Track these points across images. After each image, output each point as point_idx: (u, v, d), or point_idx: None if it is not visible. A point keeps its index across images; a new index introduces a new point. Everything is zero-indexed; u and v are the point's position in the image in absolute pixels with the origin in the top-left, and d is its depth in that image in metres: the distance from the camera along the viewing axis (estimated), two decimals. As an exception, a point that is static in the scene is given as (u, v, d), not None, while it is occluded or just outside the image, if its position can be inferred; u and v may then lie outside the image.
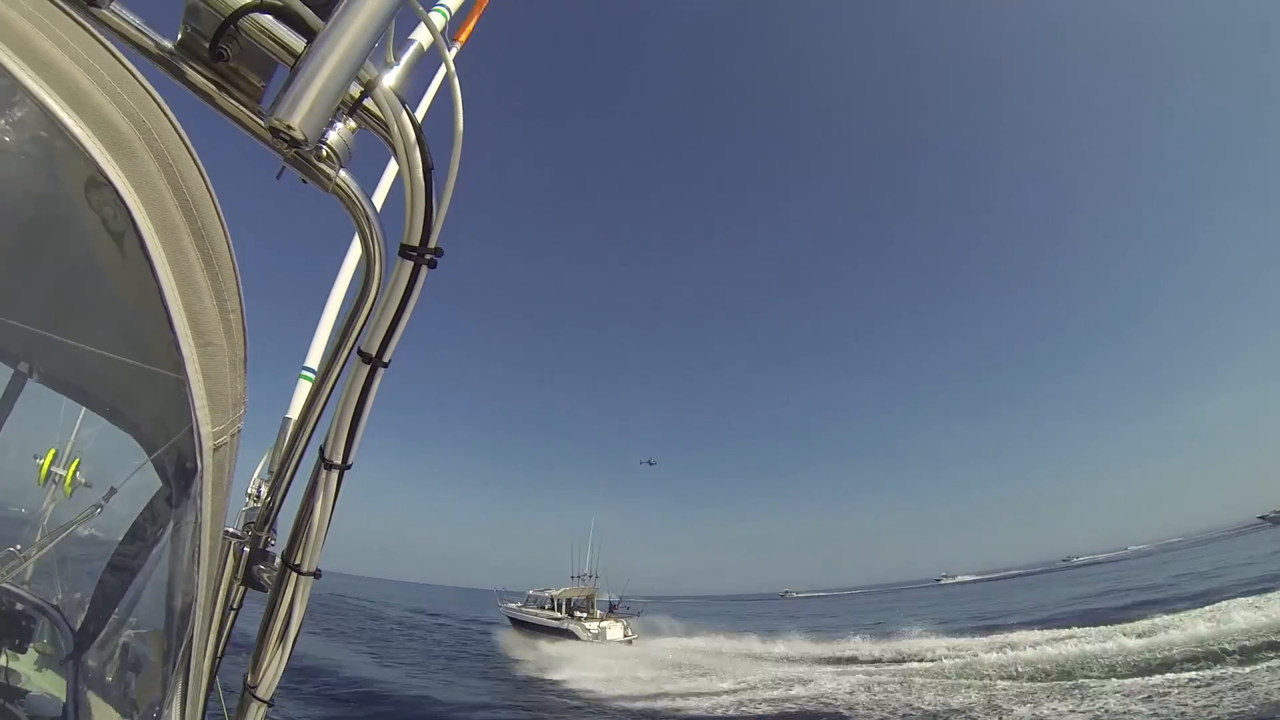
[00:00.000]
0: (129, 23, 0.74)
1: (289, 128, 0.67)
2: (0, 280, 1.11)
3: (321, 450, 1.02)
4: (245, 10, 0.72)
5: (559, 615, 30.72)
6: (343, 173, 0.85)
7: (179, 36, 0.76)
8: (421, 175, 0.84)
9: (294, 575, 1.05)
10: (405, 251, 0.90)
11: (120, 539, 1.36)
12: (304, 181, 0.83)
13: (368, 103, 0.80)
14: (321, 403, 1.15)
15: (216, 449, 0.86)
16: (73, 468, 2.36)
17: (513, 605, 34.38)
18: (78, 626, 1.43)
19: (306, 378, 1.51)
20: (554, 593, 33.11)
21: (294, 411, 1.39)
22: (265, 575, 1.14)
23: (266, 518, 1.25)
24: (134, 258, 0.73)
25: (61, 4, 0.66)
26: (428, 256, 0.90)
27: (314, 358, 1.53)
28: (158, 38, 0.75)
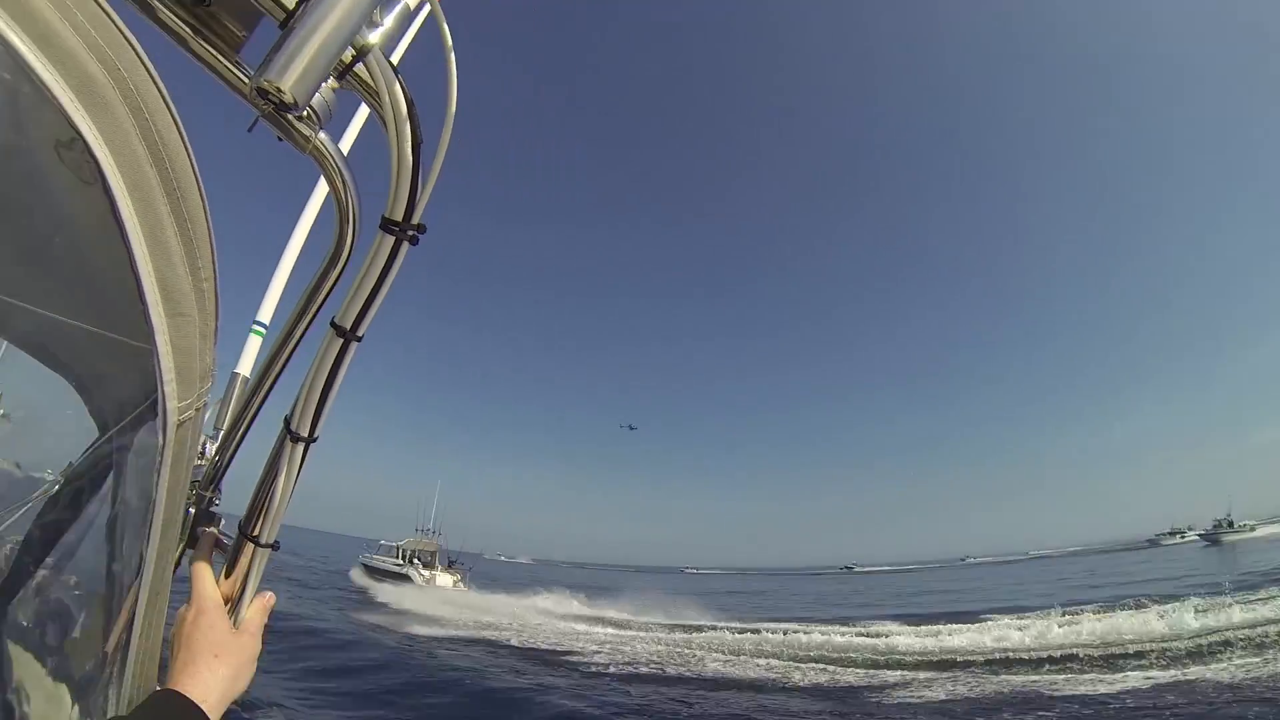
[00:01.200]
0: None
1: (279, 90, 0.63)
2: None
3: (287, 420, 0.96)
4: None
5: (400, 563, 36.49)
6: (322, 134, 0.80)
7: None
8: (410, 150, 0.80)
9: (251, 546, 1.00)
10: (387, 225, 0.84)
11: (61, 499, 1.27)
12: (279, 139, 0.77)
13: (359, 68, 0.75)
14: (280, 365, 1.09)
15: (181, 424, 0.82)
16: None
17: (368, 554, 40.88)
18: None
19: (258, 333, 1.42)
20: (401, 544, 39.79)
21: (244, 368, 1.31)
22: (203, 535, 1.07)
23: (213, 477, 1.18)
24: (104, 220, 0.66)
25: None
26: (410, 233, 0.86)
27: (265, 312, 1.44)
28: None
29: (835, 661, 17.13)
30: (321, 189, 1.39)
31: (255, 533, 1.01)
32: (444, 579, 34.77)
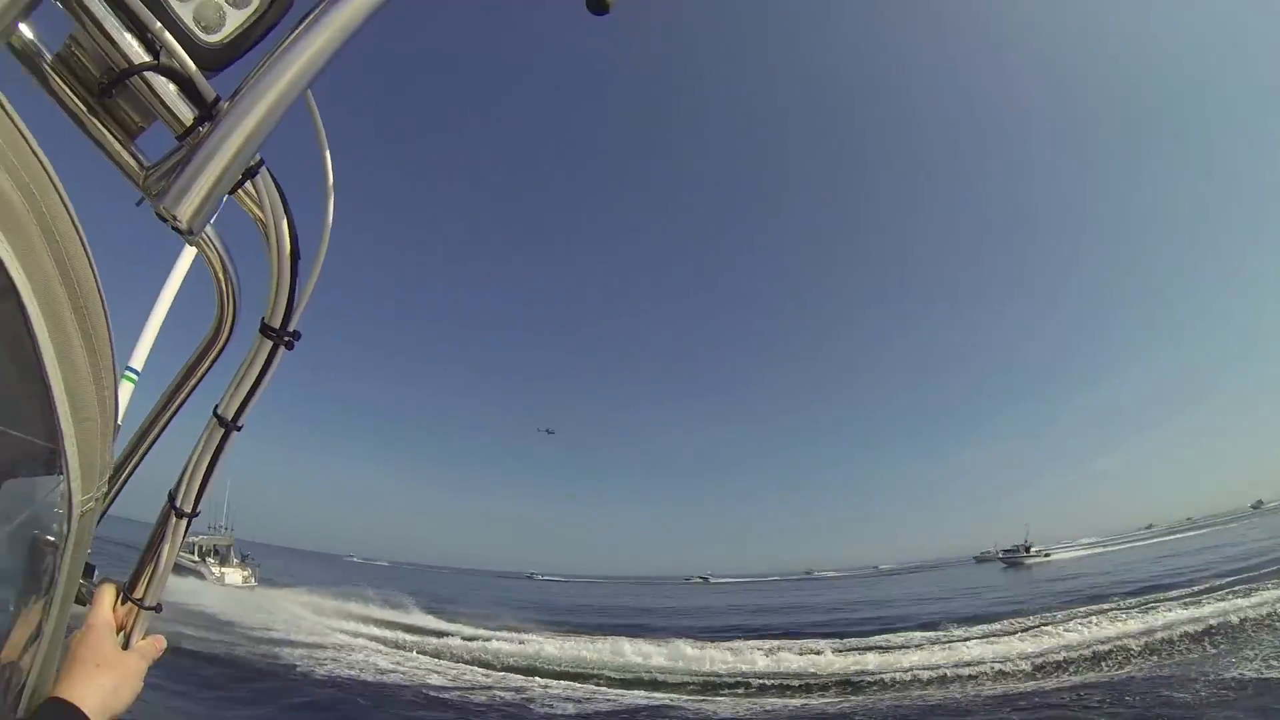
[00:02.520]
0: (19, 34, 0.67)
1: (175, 218, 0.66)
2: None
3: (171, 496, 1.01)
4: (143, 68, 0.68)
5: (195, 558, 36.56)
6: (208, 230, 0.87)
7: (60, 49, 0.70)
8: (289, 264, 0.86)
9: (135, 608, 1.04)
10: (266, 330, 0.91)
11: None
12: (167, 224, 0.78)
13: (248, 184, 0.81)
14: (158, 432, 1.15)
15: (83, 514, 0.88)
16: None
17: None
18: None
19: (129, 379, 1.43)
20: (196, 539, 38.53)
21: (120, 417, 1.33)
22: (83, 589, 1.09)
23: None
24: (15, 330, 0.69)
25: None
26: (286, 339, 0.93)
27: (137, 359, 1.45)
28: (41, 47, 0.70)
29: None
30: (189, 253, 1.46)
31: (139, 596, 1.05)
32: (234, 576, 36.14)
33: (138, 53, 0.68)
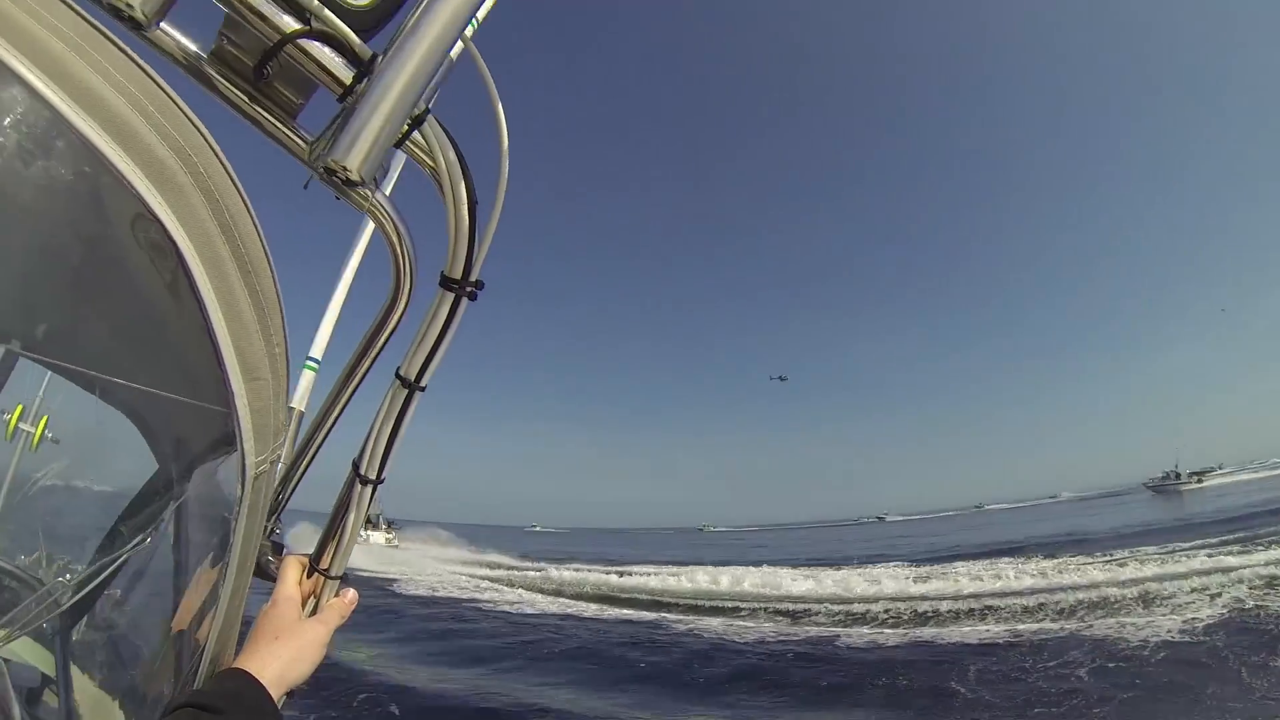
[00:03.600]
0: (169, 36, 0.68)
1: (344, 169, 0.66)
2: (56, 323, 1.07)
3: (356, 464, 1.02)
4: (296, 35, 0.68)
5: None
6: (379, 194, 0.83)
7: (214, 46, 0.71)
8: (466, 211, 0.83)
9: (320, 579, 1.06)
10: (447, 283, 0.89)
11: (127, 528, 1.35)
12: (337, 199, 0.80)
13: (415, 135, 0.78)
14: (341, 406, 1.15)
15: (257, 476, 0.87)
16: (41, 425, 2.27)
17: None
18: (65, 600, 1.41)
19: (310, 367, 1.49)
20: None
21: (300, 402, 1.37)
22: (272, 565, 1.12)
23: (275, 507, 1.23)
24: (183, 295, 0.71)
25: (103, 28, 0.60)
26: (469, 289, 0.90)
27: (317, 348, 1.51)
28: (194, 47, 0.71)
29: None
30: (368, 228, 1.45)
31: (325, 566, 1.06)
32: (377, 536, 44.56)
33: (290, 24, 0.68)
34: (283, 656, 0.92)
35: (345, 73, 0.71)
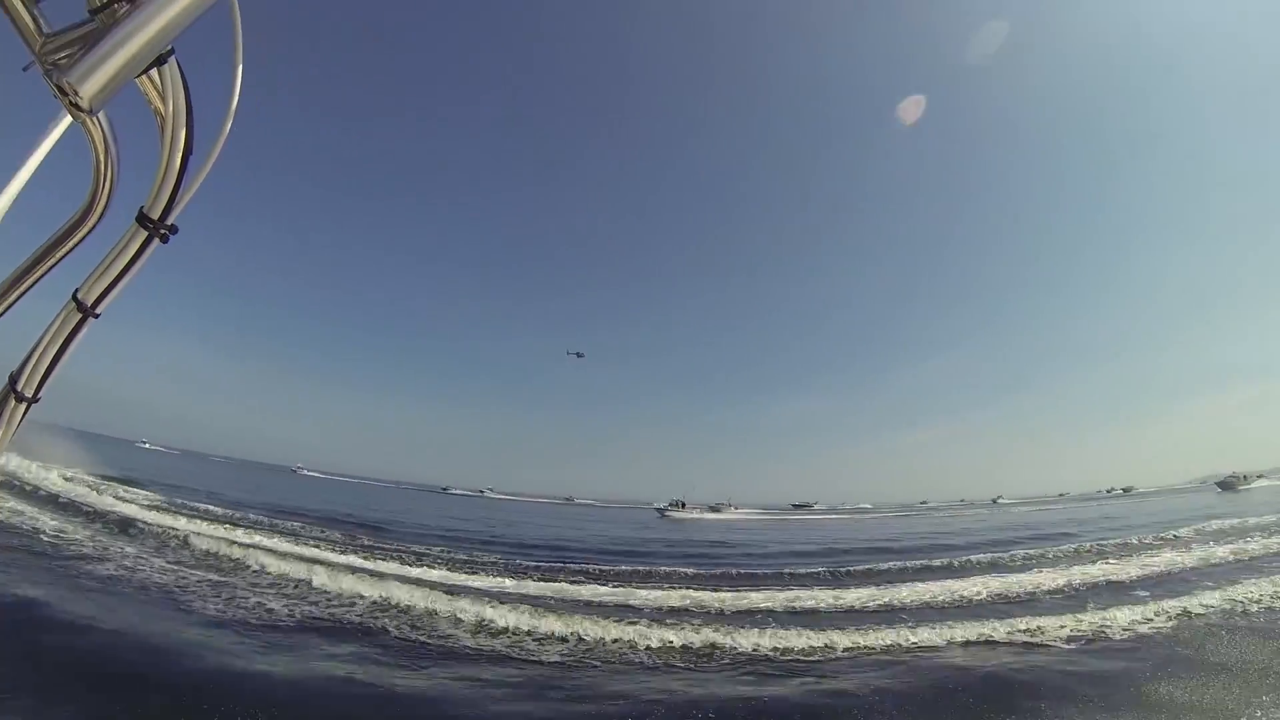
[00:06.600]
0: None
1: (77, 94, 0.64)
2: None
3: (13, 378, 0.95)
4: None
5: (675, 506, 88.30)
6: (101, 114, 0.83)
7: None
8: (180, 159, 0.84)
9: None
10: (143, 220, 0.88)
11: None
12: (54, 96, 0.75)
13: (153, 72, 0.77)
14: (7, 304, 1.04)
15: None
16: None
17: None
18: None
19: None
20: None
21: None
22: None
23: None
24: None
25: None
26: (163, 232, 0.89)
27: None
28: None
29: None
30: (62, 123, 1.29)
31: None
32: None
33: None
34: None
35: None
